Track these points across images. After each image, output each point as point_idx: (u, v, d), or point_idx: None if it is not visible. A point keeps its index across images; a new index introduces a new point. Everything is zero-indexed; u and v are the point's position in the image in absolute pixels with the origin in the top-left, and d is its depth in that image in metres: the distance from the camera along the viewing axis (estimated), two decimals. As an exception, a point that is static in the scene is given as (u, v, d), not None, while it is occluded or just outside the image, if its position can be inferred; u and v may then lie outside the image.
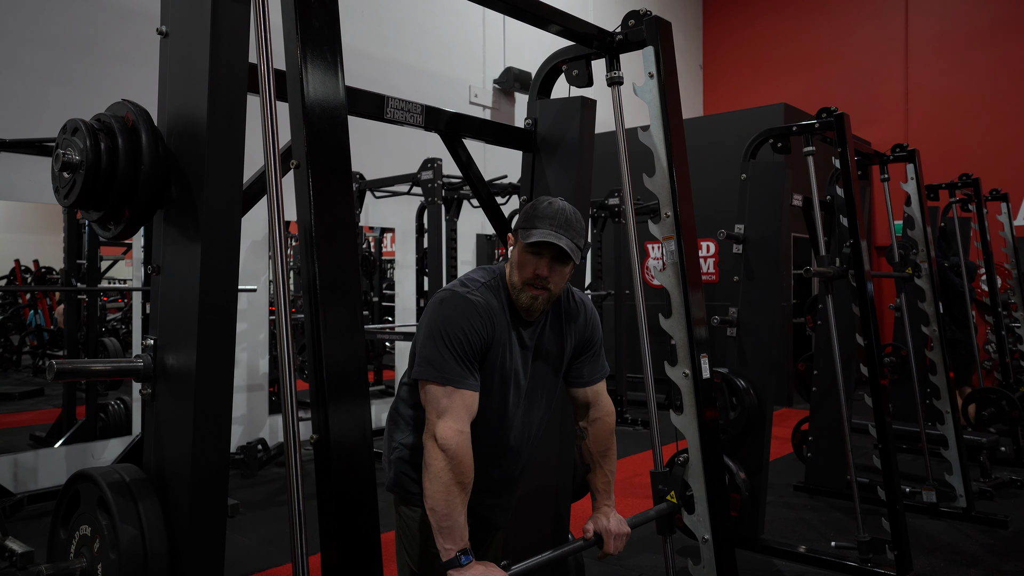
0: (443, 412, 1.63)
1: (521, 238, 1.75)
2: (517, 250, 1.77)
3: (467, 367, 1.67)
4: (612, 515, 1.89)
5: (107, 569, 1.52)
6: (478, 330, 1.70)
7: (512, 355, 1.78)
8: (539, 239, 1.70)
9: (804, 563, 3.62)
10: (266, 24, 1.49)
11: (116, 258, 6.98)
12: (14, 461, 4.57)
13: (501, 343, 1.75)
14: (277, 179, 1.49)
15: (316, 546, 1.60)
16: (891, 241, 4.73)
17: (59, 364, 1.55)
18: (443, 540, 1.60)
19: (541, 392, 1.89)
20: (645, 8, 2.57)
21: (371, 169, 6.06)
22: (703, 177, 6.96)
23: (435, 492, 1.60)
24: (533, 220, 1.74)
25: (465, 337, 1.68)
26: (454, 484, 1.59)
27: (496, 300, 1.77)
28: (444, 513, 1.59)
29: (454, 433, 1.61)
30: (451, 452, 1.59)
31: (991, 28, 9.39)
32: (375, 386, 7.59)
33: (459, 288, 1.76)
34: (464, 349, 1.67)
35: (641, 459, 5.66)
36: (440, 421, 1.62)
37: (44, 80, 4.65)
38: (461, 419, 1.63)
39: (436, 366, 1.65)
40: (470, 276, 1.83)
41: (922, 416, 4.60)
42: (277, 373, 2.53)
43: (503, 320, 1.76)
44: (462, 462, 1.60)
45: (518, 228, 1.78)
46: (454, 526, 1.59)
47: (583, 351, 1.95)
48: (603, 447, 1.95)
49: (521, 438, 1.87)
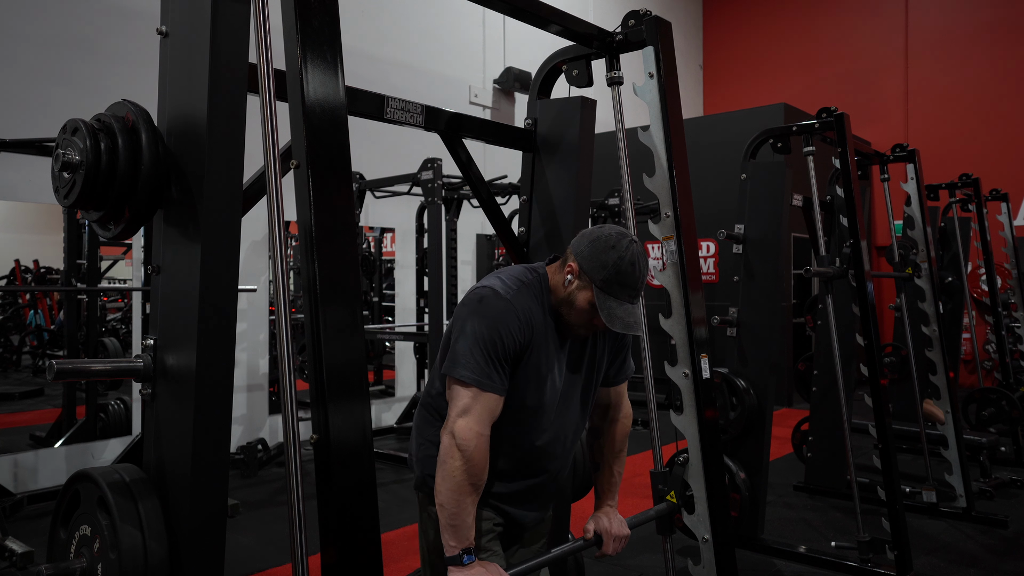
0: (465, 412, 1.60)
1: (597, 301, 1.66)
2: (584, 298, 1.68)
3: (497, 370, 1.63)
4: (614, 516, 1.89)
5: (107, 569, 1.52)
6: (514, 335, 1.65)
7: (548, 357, 1.73)
8: (621, 330, 1.65)
9: (804, 563, 3.62)
10: (266, 24, 1.49)
11: (116, 258, 6.98)
12: (14, 461, 4.57)
13: (538, 346, 1.70)
14: (277, 179, 1.49)
15: (316, 546, 1.60)
16: (891, 241, 4.73)
17: (59, 364, 1.55)
18: (448, 537, 1.60)
19: (576, 396, 1.83)
20: (645, 8, 2.57)
21: (371, 169, 6.06)
22: (703, 177, 6.96)
23: (446, 490, 1.59)
24: (615, 288, 1.65)
25: (500, 340, 1.63)
26: (467, 484, 1.58)
27: (536, 302, 1.72)
28: (453, 512, 1.59)
29: (473, 435, 1.59)
30: (468, 453, 1.58)
31: (991, 28, 9.40)
32: (375, 386, 7.59)
33: (499, 287, 1.70)
34: (497, 352, 1.63)
35: (641, 459, 5.66)
36: (460, 420, 1.60)
37: (44, 80, 4.66)
38: (482, 421, 1.61)
39: (466, 365, 1.62)
40: (511, 274, 1.76)
41: (922, 416, 4.60)
42: (277, 373, 2.53)
43: (541, 322, 1.72)
44: (477, 464, 1.59)
45: (594, 283, 1.66)
46: (461, 525, 1.59)
47: (616, 354, 1.91)
48: (617, 448, 1.94)
49: (554, 443, 1.80)
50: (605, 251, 1.66)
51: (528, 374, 1.70)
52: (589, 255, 1.68)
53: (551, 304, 1.75)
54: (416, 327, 6.81)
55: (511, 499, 1.79)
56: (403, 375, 7.04)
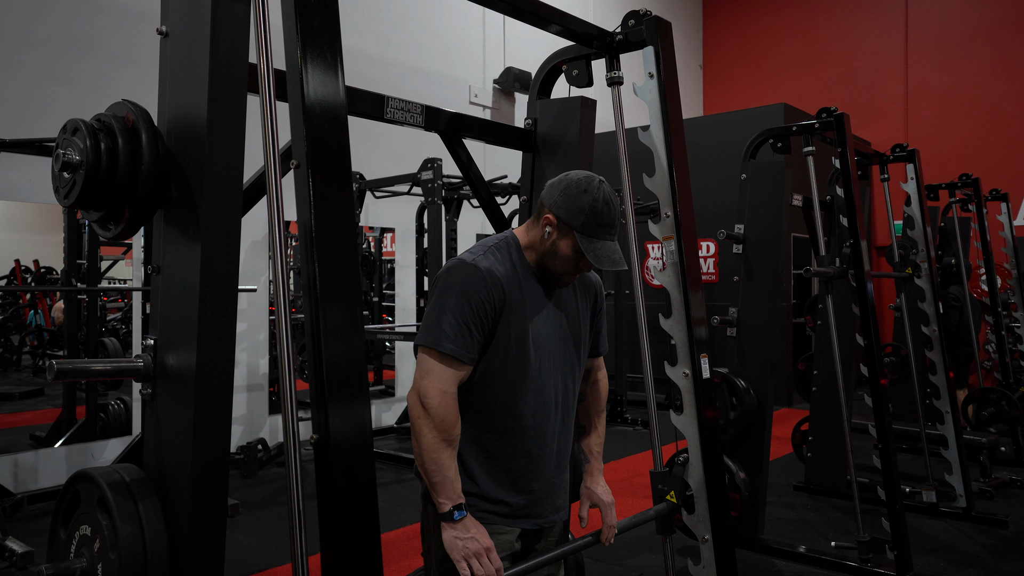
0: (427, 372, 1.62)
1: (581, 245, 1.69)
2: (567, 245, 1.71)
3: (464, 336, 1.63)
4: (602, 480, 1.93)
5: (107, 569, 1.52)
6: (482, 296, 1.65)
7: (530, 313, 1.73)
8: (610, 267, 1.70)
9: (804, 563, 3.62)
10: (266, 24, 1.49)
11: (116, 258, 6.98)
12: (14, 461, 4.57)
13: (515, 304, 1.70)
14: (277, 179, 1.49)
15: (316, 546, 1.60)
16: (891, 241, 4.73)
17: (59, 364, 1.55)
18: (436, 495, 1.62)
19: (566, 352, 1.81)
20: (645, 8, 2.57)
21: (371, 169, 6.06)
22: (703, 177, 6.97)
23: (422, 451, 1.60)
24: (595, 229, 1.69)
25: (468, 303, 1.63)
26: (440, 441, 1.60)
27: (508, 261, 1.73)
28: (433, 470, 1.61)
29: (437, 392, 1.60)
30: (434, 411, 1.59)
31: (991, 28, 9.39)
32: (375, 386, 7.60)
33: (466, 256, 1.72)
34: (465, 316, 1.63)
35: (641, 459, 5.66)
36: (424, 380, 1.62)
37: (44, 80, 4.66)
38: (446, 381, 1.62)
39: (432, 331, 1.64)
40: (475, 245, 1.79)
41: (922, 416, 4.60)
42: (277, 373, 2.53)
43: (515, 280, 1.72)
44: (445, 419, 1.60)
45: (574, 229, 1.70)
46: (444, 480, 1.61)
47: (595, 316, 1.94)
48: (599, 407, 2.00)
49: (549, 404, 1.77)
50: (578, 196, 1.71)
51: (510, 333, 1.70)
52: (564, 203, 1.71)
53: (530, 263, 1.76)
54: (416, 327, 6.79)
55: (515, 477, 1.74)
56: (403, 375, 7.04)
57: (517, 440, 1.74)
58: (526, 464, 1.76)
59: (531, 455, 1.76)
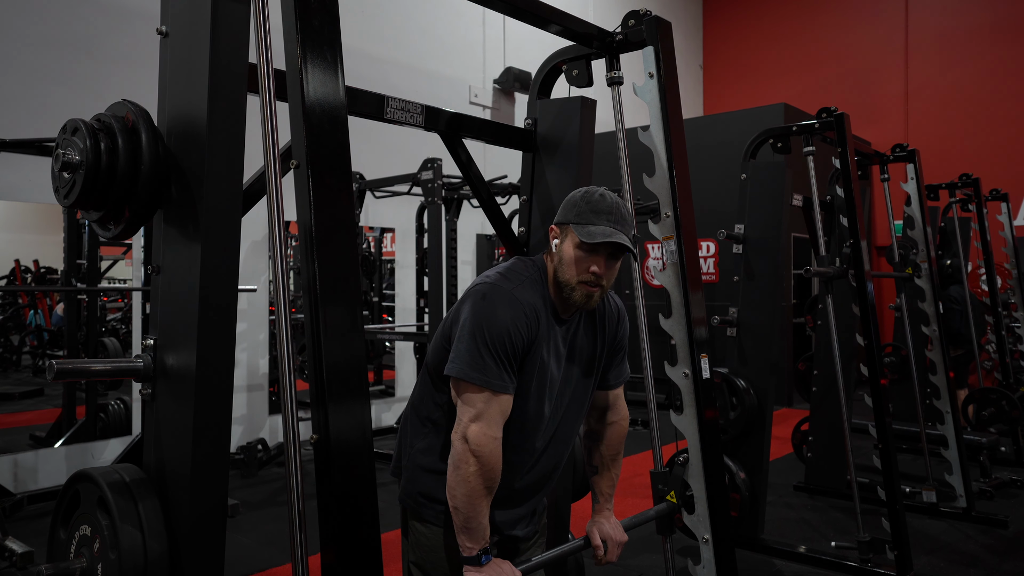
0: (478, 416, 1.57)
1: (577, 234, 1.65)
2: (569, 246, 1.67)
3: (507, 370, 1.59)
4: (613, 520, 1.88)
5: (107, 569, 1.52)
6: (522, 331, 1.61)
7: (550, 355, 1.69)
8: (602, 239, 1.62)
9: (804, 563, 3.62)
10: (266, 24, 1.49)
11: (116, 258, 6.97)
12: (14, 461, 4.57)
13: (542, 342, 1.66)
14: (277, 179, 1.49)
15: (316, 546, 1.60)
16: (891, 241, 4.73)
17: (59, 364, 1.55)
18: (465, 539, 1.60)
19: (573, 397, 1.78)
20: (645, 8, 2.57)
21: (371, 169, 6.06)
22: (703, 177, 6.96)
23: (461, 495, 1.57)
24: (589, 216, 1.65)
25: (509, 338, 1.59)
26: (482, 488, 1.56)
27: (538, 295, 1.68)
28: (469, 515, 1.57)
29: (488, 440, 1.56)
30: (484, 459, 1.55)
31: (991, 28, 9.39)
32: (375, 386, 7.59)
33: (503, 283, 1.66)
34: (506, 351, 1.59)
35: (641, 459, 5.66)
36: (475, 425, 1.56)
37: (44, 80, 4.65)
38: (496, 424, 1.58)
39: (476, 367, 1.57)
40: (511, 268, 1.72)
41: (922, 416, 4.60)
42: (277, 373, 2.53)
43: (545, 316, 1.67)
44: (493, 468, 1.57)
45: (570, 223, 1.68)
46: (477, 527, 1.58)
47: (614, 353, 1.88)
48: (615, 451, 1.91)
49: (549, 445, 1.77)
50: (573, 198, 1.72)
51: (532, 373, 1.66)
52: (562, 210, 1.74)
53: (551, 296, 1.71)
54: (416, 327, 6.81)
55: (503, 504, 1.74)
56: (403, 375, 7.04)
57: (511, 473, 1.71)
58: (512, 499, 1.76)
59: (524, 487, 1.77)
